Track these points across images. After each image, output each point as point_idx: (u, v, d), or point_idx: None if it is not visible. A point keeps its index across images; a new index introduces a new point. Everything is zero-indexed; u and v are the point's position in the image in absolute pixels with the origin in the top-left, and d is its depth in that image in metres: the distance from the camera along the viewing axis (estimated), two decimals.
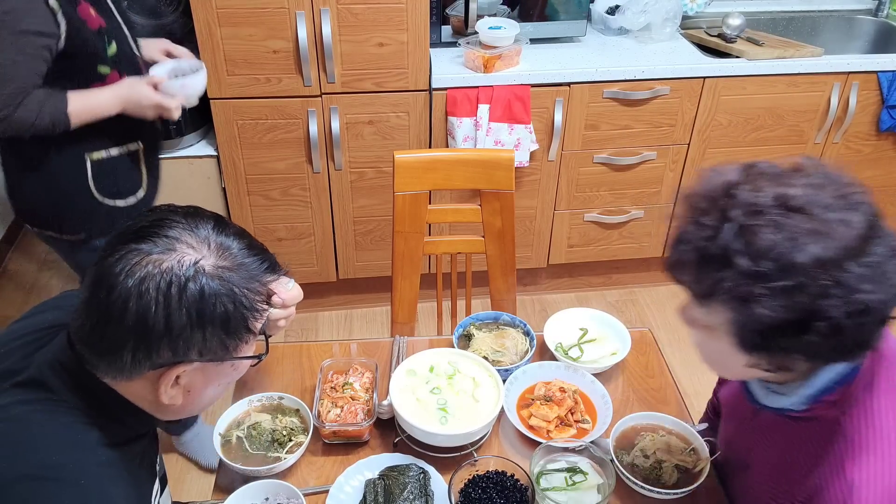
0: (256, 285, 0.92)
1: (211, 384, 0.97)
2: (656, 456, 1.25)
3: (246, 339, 0.94)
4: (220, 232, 0.93)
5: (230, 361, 0.94)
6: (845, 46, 2.94)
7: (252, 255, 0.94)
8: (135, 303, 0.85)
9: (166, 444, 2.30)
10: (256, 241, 0.97)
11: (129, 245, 0.87)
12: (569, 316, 1.58)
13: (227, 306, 0.89)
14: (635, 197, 2.73)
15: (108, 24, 1.63)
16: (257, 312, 0.93)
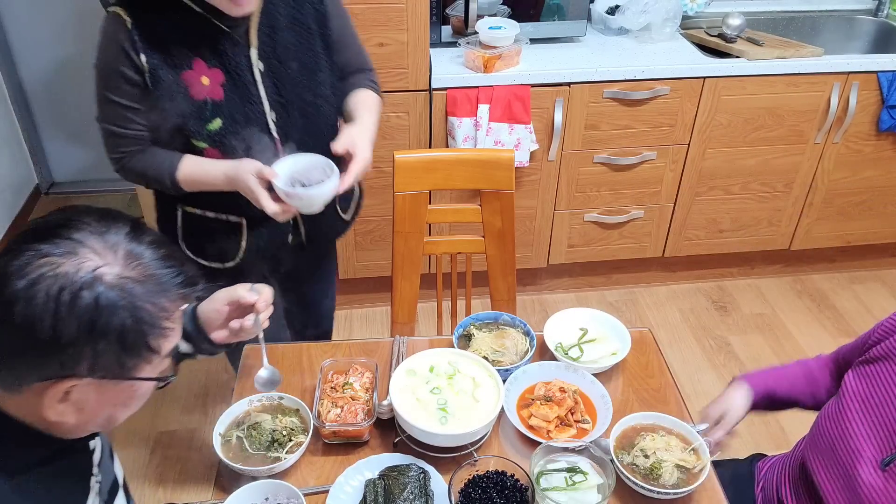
0: (164, 301, 0.86)
1: (107, 404, 0.89)
2: (656, 456, 1.25)
3: (147, 358, 0.87)
4: (134, 239, 0.86)
5: (129, 381, 0.87)
6: (845, 46, 2.94)
7: (166, 267, 0.87)
8: (22, 307, 0.78)
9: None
10: (176, 252, 0.92)
11: (29, 244, 0.81)
12: (569, 316, 1.58)
13: (125, 320, 0.82)
14: (635, 197, 2.73)
15: (227, 99, 1.44)
16: (160, 330, 0.86)
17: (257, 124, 1.48)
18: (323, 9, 1.53)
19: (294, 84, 1.51)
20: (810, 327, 2.87)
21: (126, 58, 1.37)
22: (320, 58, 1.54)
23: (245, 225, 1.60)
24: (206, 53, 1.42)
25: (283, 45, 1.48)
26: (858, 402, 1.23)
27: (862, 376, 1.26)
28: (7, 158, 3.26)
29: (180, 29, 1.40)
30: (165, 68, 1.39)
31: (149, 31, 1.37)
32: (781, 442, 2.34)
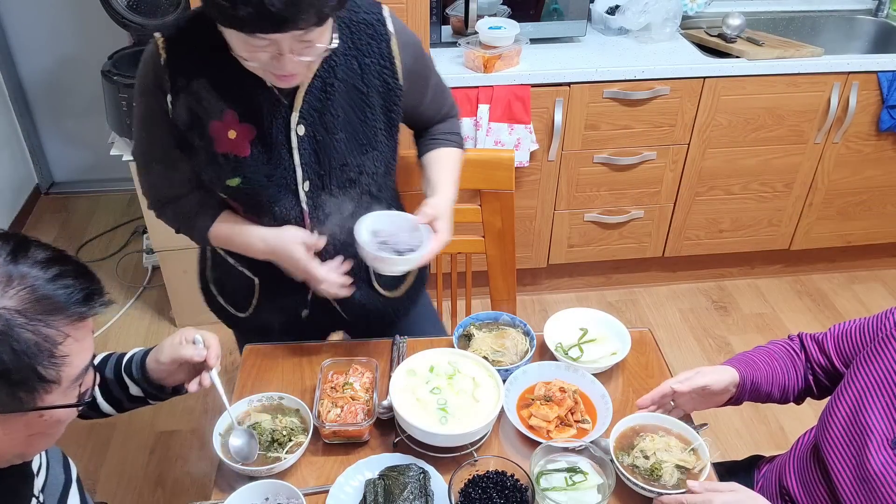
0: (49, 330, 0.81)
1: (15, 434, 0.86)
2: (656, 456, 1.25)
3: (45, 388, 0.82)
4: (14, 261, 0.81)
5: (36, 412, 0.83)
6: (845, 46, 2.94)
7: (59, 288, 0.82)
8: None
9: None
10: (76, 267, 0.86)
11: None
12: (569, 316, 1.57)
13: (4, 356, 0.77)
14: (635, 197, 2.73)
15: (253, 158, 1.32)
16: (52, 360, 0.81)
17: (285, 190, 1.35)
18: (395, 84, 1.36)
19: (339, 156, 1.35)
20: (810, 327, 2.87)
21: (156, 92, 1.28)
22: (378, 134, 1.38)
23: (258, 284, 1.52)
24: (241, 106, 1.29)
25: (334, 113, 1.33)
26: (871, 384, 1.23)
27: (873, 359, 1.25)
28: (7, 158, 3.26)
29: (218, 75, 1.27)
30: (192, 114, 1.29)
31: (183, 72, 1.27)
32: (781, 442, 2.34)
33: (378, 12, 1.36)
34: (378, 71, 1.35)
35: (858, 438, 1.23)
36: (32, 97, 3.35)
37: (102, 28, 2.76)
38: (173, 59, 1.27)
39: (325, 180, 1.36)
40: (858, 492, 1.21)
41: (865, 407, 1.23)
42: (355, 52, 1.33)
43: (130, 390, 1.27)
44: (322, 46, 1.18)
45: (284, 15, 1.06)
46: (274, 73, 1.20)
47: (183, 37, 1.27)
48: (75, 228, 3.36)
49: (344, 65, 1.32)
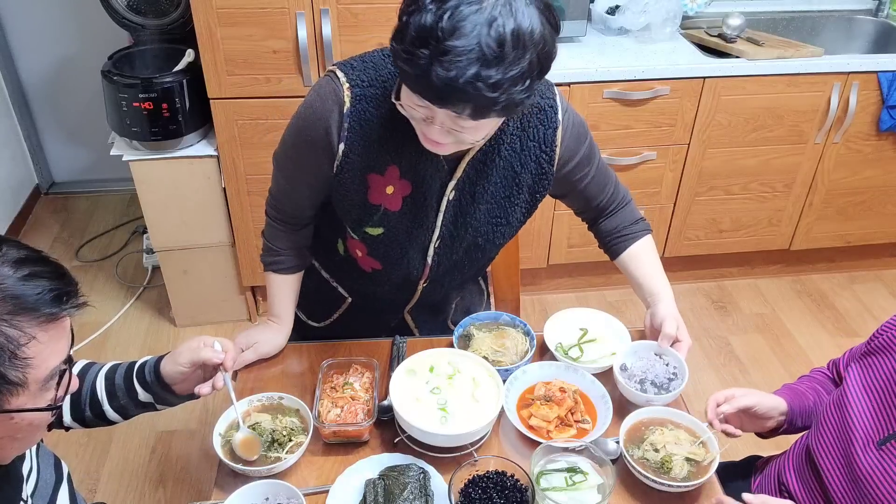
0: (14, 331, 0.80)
1: None
2: (666, 450, 1.26)
3: (11, 390, 0.82)
4: None
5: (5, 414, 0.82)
6: (845, 46, 2.94)
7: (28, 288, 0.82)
8: None
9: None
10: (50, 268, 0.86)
11: None
12: (569, 316, 1.58)
13: None
14: (635, 197, 2.70)
15: (402, 215, 1.35)
16: (18, 361, 0.81)
17: (418, 246, 1.41)
18: (549, 170, 1.38)
19: (474, 224, 1.40)
20: (810, 327, 2.87)
21: (325, 137, 1.28)
22: (516, 211, 1.42)
23: (349, 303, 1.60)
24: (405, 163, 1.30)
25: (484, 186, 1.36)
26: (860, 390, 1.27)
27: (864, 367, 1.29)
28: (7, 158, 3.26)
29: (391, 130, 1.27)
30: (358, 165, 1.30)
31: (361, 124, 1.27)
32: (782, 442, 2.34)
33: (552, 97, 1.36)
34: (537, 155, 1.37)
35: (845, 440, 1.26)
36: (32, 97, 3.35)
37: (102, 28, 2.76)
38: (356, 109, 1.26)
39: (456, 243, 1.42)
40: (849, 492, 1.23)
41: (852, 409, 1.26)
42: (521, 134, 1.34)
43: (140, 396, 1.30)
44: (471, 138, 1.17)
45: (442, 94, 1.05)
46: (423, 132, 1.19)
47: (368, 83, 1.27)
48: (75, 228, 3.36)
49: (509, 144, 1.34)
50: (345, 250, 1.50)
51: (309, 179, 1.38)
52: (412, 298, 1.55)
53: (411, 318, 1.62)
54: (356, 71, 1.28)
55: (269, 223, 1.49)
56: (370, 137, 1.28)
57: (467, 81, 1.01)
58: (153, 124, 2.36)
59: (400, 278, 1.48)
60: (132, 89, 2.32)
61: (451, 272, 1.48)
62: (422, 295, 1.53)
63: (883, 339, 1.28)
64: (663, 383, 1.39)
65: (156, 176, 2.47)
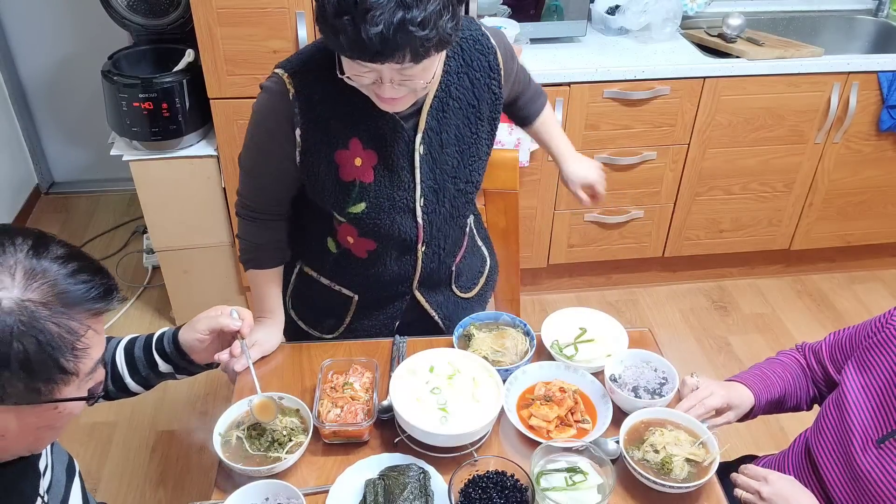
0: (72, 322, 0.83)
1: (29, 427, 0.87)
2: (666, 451, 1.26)
3: (65, 380, 0.85)
4: (36, 255, 0.83)
5: (51, 404, 0.85)
6: (845, 46, 2.94)
7: (78, 283, 0.84)
8: None
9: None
10: (91, 264, 0.88)
11: None
12: (568, 315, 1.57)
13: (28, 347, 0.79)
14: (635, 197, 2.73)
15: (377, 183, 1.37)
16: (73, 352, 0.83)
17: (404, 209, 1.41)
18: (499, 93, 1.43)
19: (451, 170, 1.42)
20: (810, 327, 2.87)
21: (283, 127, 1.32)
22: (482, 144, 1.45)
23: (356, 301, 1.57)
24: (365, 133, 1.34)
25: (448, 130, 1.39)
26: (859, 389, 1.28)
27: (862, 365, 1.30)
28: (7, 158, 3.26)
29: (343, 104, 1.31)
30: (320, 145, 1.33)
31: (310, 106, 1.30)
32: (782, 442, 2.34)
33: (478, 27, 1.41)
34: (488, 83, 1.40)
35: (845, 438, 1.26)
36: (32, 97, 3.35)
37: (102, 28, 2.76)
38: (301, 92, 1.30)
39: (440, 195, 1.43)
40: (849, 490, 1.24)
41: (852, 408, 1.26)
42: (466, 69, 1.37)
43: (160, 367, 1.34)
44: (422, 82, 1.20)
45: (379, 49, 1.09)
46: (376, 95, 1.23)
47: (307, 69, 1.31)
48: (75, 228, 3.36)
49: (457, 83, 1.37)
50: (336, 245, 1.50)
51: (276, 171, 1.40)
52: (416, 270, 1.52)
53: (422, 296, 1.59)
54: (292, 62, 1.33)
55: (243, 222, 1.50)
56: (323, 116, 1.31)
57: (396, 29, 1.07)
58: (153, 124, 2.36)
59: (397, 250, 1.47)
60: (132, 89, 2.32)
61: (443, 228, 1.48)
62: (423, 264, 1.51)
63: (885, 335, 1.29)
64: (655, 388, 1.39)
65: (156, 176, 2.47)
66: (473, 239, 1.68)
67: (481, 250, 1.72)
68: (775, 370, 1.48)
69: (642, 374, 1.42)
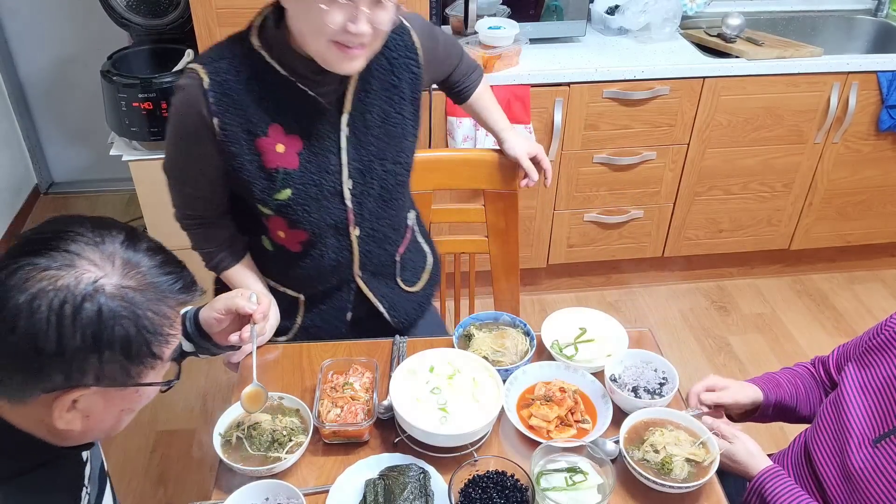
0: (165, 308, 0.87)
1: (113, 409, 0.91)
2: (666, 451, 1.26)
3: (151, 364, 0.88)
4: (130, 247, 0.87)
5: (134, 387, 0.89)
6: (845, 46, 2.94)
7: (164, 274, 0.88)
8: (24, 321, 0.78)
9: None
10: (173, 257, 0.92)
11: (26, 258, 0.81)
12: (567, 315, 1.57)
13: (128, 329, 0.83)
14: (635, 197, 2.73)
15: (302, 168, 1.37)
16: (163, 337, 0.87)
17: (331, 193, 1.41)
18: (419, 72, 1.44)
19: (377, 152, 1.43)
20: (810, 327, 2.88)
21: (200, 120, 1.31)
22: (407, 124, 1.46)
23: (303, 301, 1.57)
24: (286, 119, 1.34)
25: (372, 112, 1.40)
26: (857, 389, 1.28)
27: (862, 366, 1.30)
28: (6, 158, 3.26)
29: (261, 92, 1.31)
30: (240, 134, 1.32)
31: (225, 93, 1.30)
32: (781, 441, 2.34)
33: None
34: (405, 63, 1.43)
35: (842, 437, 1.27)
36: (32, 97, 3.35)
37: (102, 28, 2.76)
38: (215, 81, 1.30)
39: (367, 177, 1.43)
40: (843, 489, 1.25)
41: (850, 407, 1.27)
42: (383, 49, 1.38)
43: (183, 346, 1.37)
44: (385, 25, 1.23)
45: None
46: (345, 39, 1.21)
47: (220, 57, 1.32)
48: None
49: (376, 64, 1.39)
50: (271, 243, 1.50)
51: (205, 172, 1.38)
52: (353, 256, 1.51)
53: (365, 284, 1.57)
54: (204, 56, 1.33)
55: (192, 233, 1.49)
56: (240, 103, 1.31)
57: None
58: (152, 124, 2.36)
59: (331, 236, 1.46)
60: (131, 89, 2.32)
61: (375, 211, 1.47)
62: (360, 248, 1.50)
63: (885, 337, 1.29)
64: (655, 389, 1.39)
65: (155, 176, 2.44)
66: (415, 235, 1.68)
67: (423, 247, 1.71)
68: (784, 374, 1.49)
69: (642, 375, 1.42)
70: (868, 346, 1.32)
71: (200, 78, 1.30)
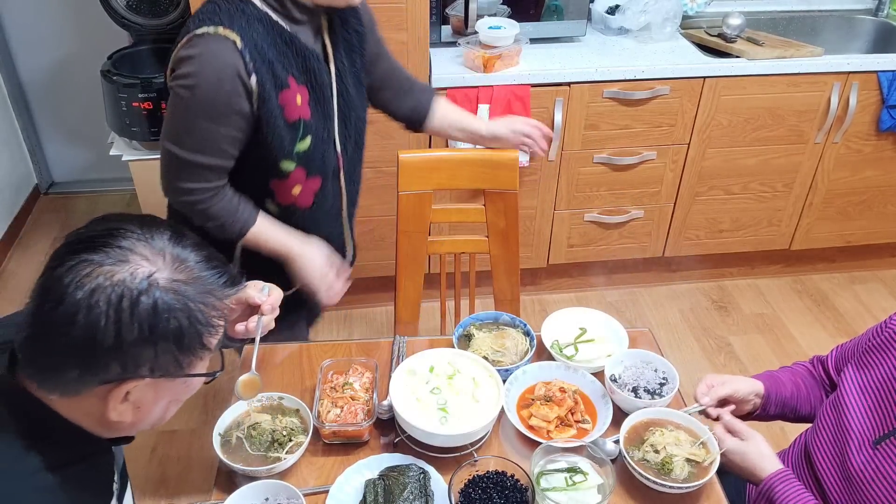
0: (212, 299, 0.90)
1: (162, 400, 0.94)
2: (667, 451, 1.26)
3: (200, 355, 0.91)
4: (177, 243, 0.90)
5: (183, 378, 0.92)
6: (845, 46, 2.94)
7: (210, 269, 0.91)
8: (83, 316, 0.81)
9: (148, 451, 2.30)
10: (215, 252, 0.94)
11: (80, 255, 0.83)
12: (567, 315, 1.57)
13: (181, 321, 0.86)
14: (635, 197, 2.73)
15: (313, 116, 1.44)
16: (212, 328, 0.90)
17: (330, 142, 1.50)
18: (363, 31, 1.54)
19: (352, 99, 1.52)
20: (810, 327, 2.87)
21: (237, 81, 1.30)
22: (361, 77, 1.56)
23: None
24: (297, 70, 1.40)
25: (344, 62, 1.50)
26: (857, 390, 1.28)
27: (862, 367, 1.30)
28: (6, 158, 3.26)
29: (276, 46, 1.36)
30: (271, 90, 1.35)
31: (256, 50, 1.32)
32: (782, 441, 2.34)
33: None
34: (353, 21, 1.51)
35: (842, 439, 1.27)
36: (32, 97, 3.35)
37: (102, 28, 2.76)
38: (246, 40, 1.31)
39: (348, 123, 1.53)
40: (843, 490, 1.24)
41: (849, 409, 1.27)
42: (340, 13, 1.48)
43: None
44: None
45: None
46: None
47: (231, 19, 1.31)
48: (75, 228, 3.35)
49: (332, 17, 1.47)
50: (277, 205, 1.50)
51: (231, 136, 1.37)
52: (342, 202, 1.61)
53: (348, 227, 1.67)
54: (214, 20, 1.30)
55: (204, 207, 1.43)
56: (266, 58, 1.34)
57: None
58: (152, 124, 2.36)
59: (330, 183, 1.54)
60: (131, 89, 2.32)
61: (353, 157, 1.58)
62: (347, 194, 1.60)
63: (884, 337, 1.29)
64: (655, 389, 1.39)
65: (156, 176, 2.45)
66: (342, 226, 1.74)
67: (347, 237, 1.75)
68: (784, 373, 1.49)
69: (642, 375, 1.42)
70: (867, 347, 1.32)
71: (232, 39, 1.29)
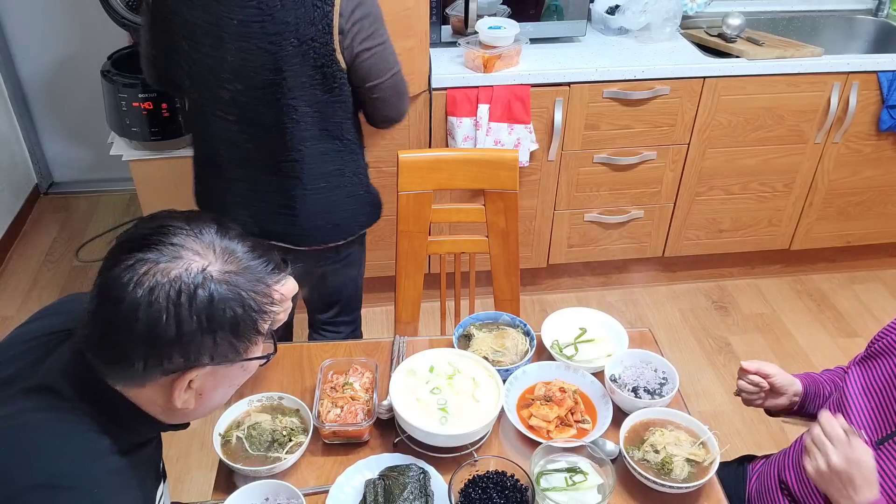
0: (262, 287, 0.94)
1: (221, 386, 0.98)
2: (666, 451, 1.26)
3: (255, 340, 0.95)
4: (224, 236, 0.94)
5: (240, 363, 0.96)
6: (845, 46, 2.94)
7: (256, 258, 0.95)
8: (144, 313, 0.85)
9: None
10: (259, 241, 0.98)
11: (135, 254, 0.88)
12: (567, 315, 1.57)
13: (236, 310, 0.90)
14: (635, 197, 2.73)
15: None
16: (265, 314, 0.94)
17: None
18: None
19: None
20: (810, 327, 2.87)
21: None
22: None
23: None
24: None
25: None
26: (860, 391, 1.28)
27: (864, 369, 1.31)
28: (6, 158, 3.26)
29: None
30: None
31: None
32: (782, 441, 2.34)
33: None
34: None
35: None
36: (32, 97, 3.35)
37: (102, 28, 2.76)
38: None
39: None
40: None
41: (852, 410, 1.27)
42: None
43: None
44: None
45: None
46: None
47: None
48: (75, 228, 3.36)
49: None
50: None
51: None
52: None
53: None
54: None
55: None
56: None
57: None
58: (153, 124, 2.36)
59: None
60: (132, 89, 2.32)
61: None
62: None
63: (883, 343, 1.29)
64: (655, 389, 1.39)
65: (156, 176, 2.46)
66: None
67: None
68: (824, 374, 1.49)
69: (642, 375, 1.42)
70: (869, 352, 1.32)
71: None
